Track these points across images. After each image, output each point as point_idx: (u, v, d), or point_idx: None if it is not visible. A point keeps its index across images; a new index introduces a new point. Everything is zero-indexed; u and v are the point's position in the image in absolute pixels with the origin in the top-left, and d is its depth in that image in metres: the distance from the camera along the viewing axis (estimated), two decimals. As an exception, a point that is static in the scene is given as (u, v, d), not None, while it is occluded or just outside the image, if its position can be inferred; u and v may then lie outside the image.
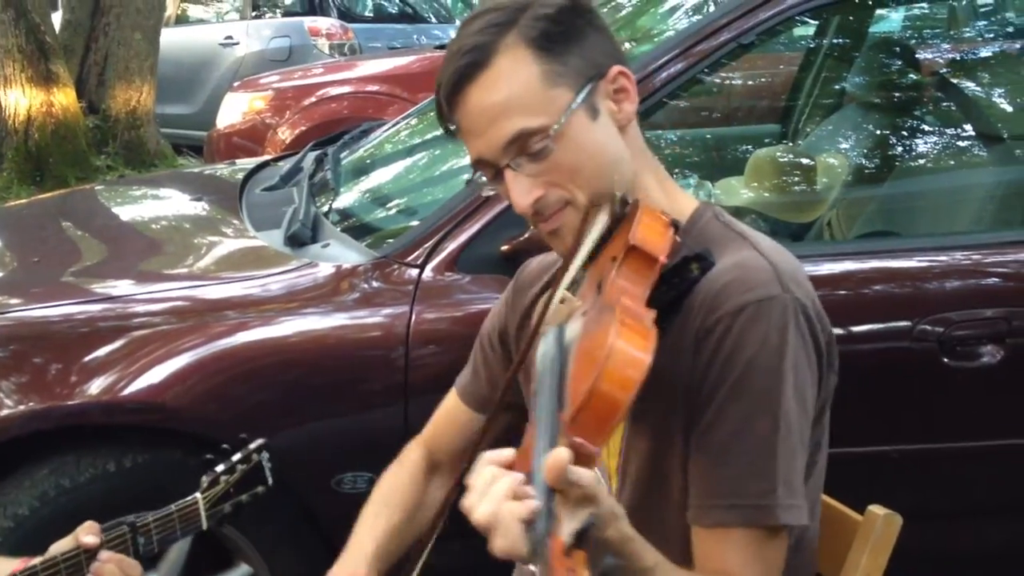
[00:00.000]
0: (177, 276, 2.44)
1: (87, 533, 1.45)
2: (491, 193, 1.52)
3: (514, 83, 1.19)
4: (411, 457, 1.56)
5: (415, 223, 2.27)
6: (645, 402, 1.19)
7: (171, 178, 4.73)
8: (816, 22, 3.37)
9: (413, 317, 2.08)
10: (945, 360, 2.14)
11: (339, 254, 2.22)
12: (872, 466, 2.16)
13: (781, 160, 3.26)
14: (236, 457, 1.66)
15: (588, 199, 1.21)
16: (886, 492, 1.44)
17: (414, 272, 2.13)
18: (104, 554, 1.44)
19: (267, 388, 2.11)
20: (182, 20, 10.26)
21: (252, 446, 1.69)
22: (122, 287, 2.39)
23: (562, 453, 0.95)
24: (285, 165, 2.99)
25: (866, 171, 3.07)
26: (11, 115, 7.71)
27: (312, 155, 2.97)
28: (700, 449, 1.18)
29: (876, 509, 1.31)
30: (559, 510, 0.94)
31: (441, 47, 8.82)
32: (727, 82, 3.23)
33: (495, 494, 0.98)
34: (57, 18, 8.72)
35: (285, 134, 5.63)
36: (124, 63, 8.39)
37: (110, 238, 2.90)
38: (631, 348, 1.03)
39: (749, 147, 3.32)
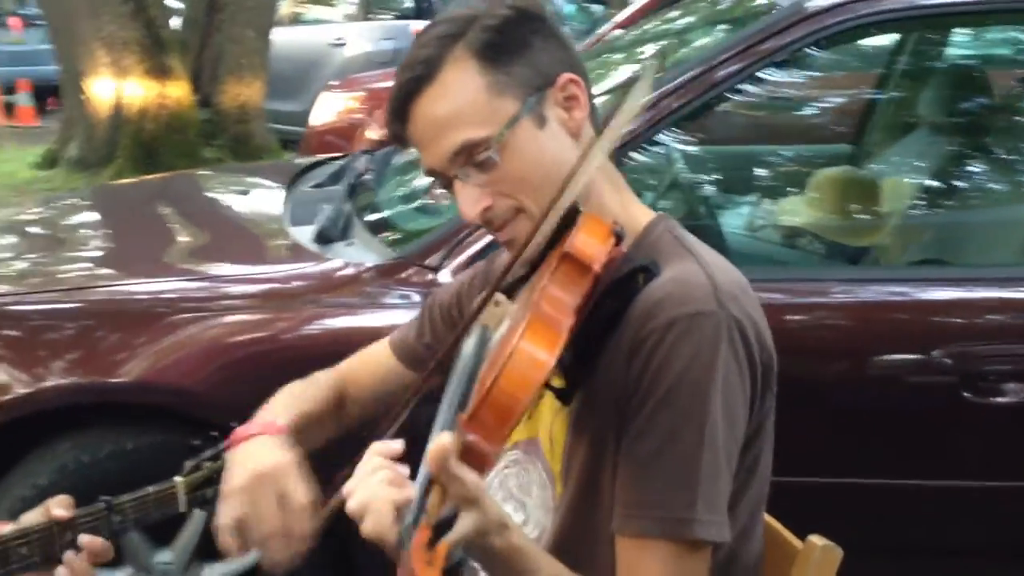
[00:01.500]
0: (204, 266, 2.52)
1: (58, 506, 1.50)
2: (447, 201, 1.54)
3: (459, 95, 1.21)
4: (322, 378, 1.57)
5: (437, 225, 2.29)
6: (585, 408, 1.22)
7: (260, 169, 4.88)
8: (889, 40, 3.29)
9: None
10: (966, 394, 2.06)
11: (359, 253, 2.27)
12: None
13: (845, 181, 3.18)
14: (223, 445, 1.70)
15: (536, 207, 1.22)
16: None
17: (429, 274, 2.16)
18: (84, 540, 1.48)
19: (276, 381, 2.15)
20: (297, 20, 10.55)
21: None
22: (161, 272, 2.49)
23: (443, 439, 0.96)
24: (340, 163, 3.06)
25: (928, 197, 2.98)
26: (127, 105, 8.06)
27: (365, 156, 3.03)
28: (627, 458, 1.17)
29: (816, 539, 1.28)
30: (434, 503, 0.95)
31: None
32: (791, 100, 3.16)
33: (373, 482, 1.00)
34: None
35: (373, 133, 5.73)
36: (236, 59, 8.69)
37: (177, 223, 3.03)
38: (535, 349, 1.04)
39: (812, 167, 3.25)
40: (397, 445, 1.07)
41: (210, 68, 8.80)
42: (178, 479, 1.63)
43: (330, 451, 1.50)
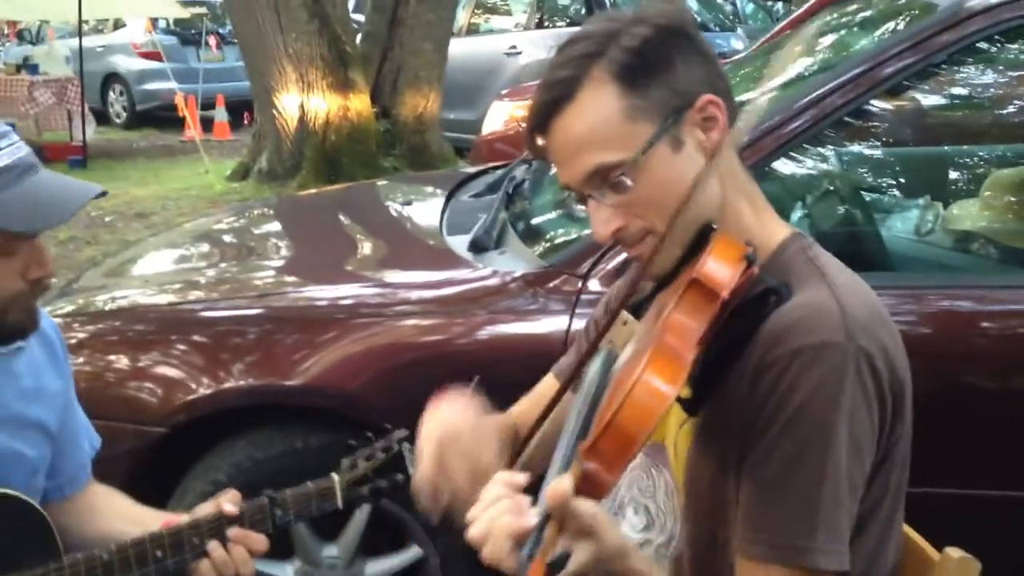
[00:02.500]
0: (365, 273, 2.64)
1: (228, 502, 1.63)
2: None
3: (595, 118, 1.21)
4: (503, 419, 1.59)
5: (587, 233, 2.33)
6: (709, 422, 1.23)
7: (432, 178, 5.05)
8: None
9: (571, 326, 2.15)
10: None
11: (510, 262, 2.33)
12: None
13: (1023, 183, 3.02)
14: (377, 445, 1.79)
15: (669, 231, 1.22)
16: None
17: (577, 283, 2.20)
18: (232, 531, 1.60)
19: (432, 385, 2.24)
20: (473, 30, 10.79)
21: (394, 436, 1.81)
22: (326, 281, 2.63)
23: (563, 484, 0.99)
24: (500, 172, 3.14)
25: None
26: (312, 118, 8.46)
27: (524, 165, 3.10)
28: (749, 482, 1.18)
29: (952, 551, 1.25)
30: (551, 536, 0.98)
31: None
32: (964, 98, 3.02)
33: (494, 511, 1.03)
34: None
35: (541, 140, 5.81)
36: (414, 71, 8.99)
37: (345, 233, 3.19)
38: (657, 382, 1.04)
39: (986, 168, 3.10)
40: (520, 477, 1.09)
41: (389, 81, 9.14)
42: (336, 476, 1.74)
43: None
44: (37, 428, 1.63)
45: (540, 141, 1.27)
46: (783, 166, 2.45)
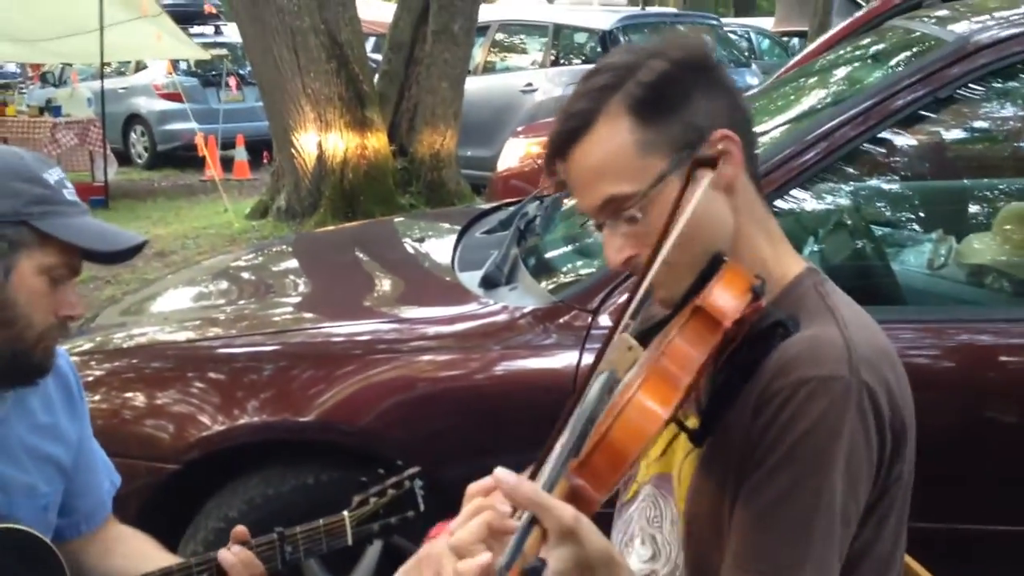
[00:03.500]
0: (379, 309, 2.66)
1: (235, 539, 1.64)
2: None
3: (609, 150, 1.23)
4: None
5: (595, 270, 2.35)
6: (712, 452, 1.23)
7: (448, 215, 5.08)
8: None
9: (581, 361, 2.15)
10: None
11: (521, 297, 2.34)
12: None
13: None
14: (389, 481, 1.79)
15: (676, 260, 1.21)
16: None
17: (587, 318, 2.21)
18: (235, 548, 1.61)
19: (444, 420, 2.26)
20: (489, 68, 10.89)
21: (406, 473, 1.81)
22: (339, 319, 2.65)
23: (501, 471, 1.01)
24: (512, 209, 3.16)
25: None
26: (330, 157, 8.54)
27: (535, 201, 3.12)
28: (743, 509, 1.18)
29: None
30: (532, 544, 0.98)
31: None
32: (972, 131, 3.03)
33: (474, 524, 1.02)
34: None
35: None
36: (431, 109, 9.06)
37: (361, 269, 3.22)
38: (650, 403, 1.05)
39: (1000, 201, 3.10)
40: (489, 480, 1.08)
41: (407, 119, 9.21)
42: (346, 513, 1.74)
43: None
44: (51, 464, 1.64)
45: (559, 168, 1.29)
46: (794, 198, 2.45)
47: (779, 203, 2.37)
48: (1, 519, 1.52)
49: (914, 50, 2.70)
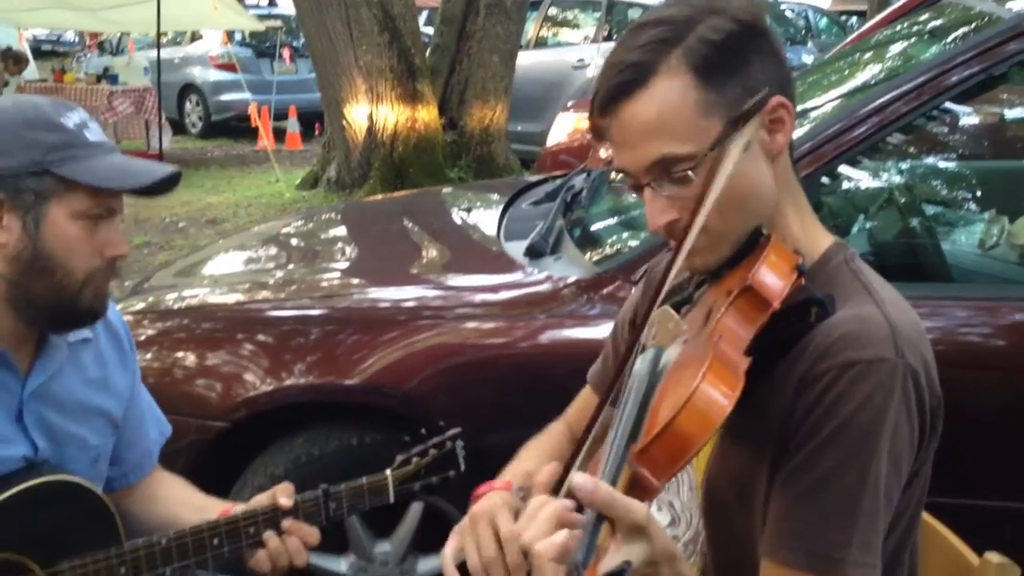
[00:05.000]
0: (425, 277, 2.69)
1: (283, 494, 1.67)
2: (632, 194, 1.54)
3: (668, 107, 1.18)
4: (556, 427, 1.62)
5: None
6: (743, 426, 1.22)
7: (495, 186, 5.10)
8: None
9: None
10: None
11: (565, 267, 2.35)
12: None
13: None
14: (431, 442, 1.82)
15: (720, 228, 1.21)
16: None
17: (630, 289, 2.21)
18: (287, 523, 1.64)
19: (487, 387, 2.28)
20: (542, 43, 10.85)
21: (447, 434, 1.84)
22: (385, 284, 2.68)
23: (580, 476, 0.98)
24: (559, 181, 3.17)
25: None
26: (380, 129, 8.58)
27: (583, 174, 3.13)
28: (785, 487, 1.17)
29: (992, 556, 1.24)
30: (604, 541, 0.97)
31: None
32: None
33: (542, 519, 1.02)
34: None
35: (604, 151, 5.82)
36: (482, 83, 9.06)
37: (408, 238, 3.25)
38: (715, 392, 1.03)
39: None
40: (553, 467, 1.09)
41: (457, 93, 9.22)
42: (389, 472, 1.77)
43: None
44: (102, 417, 1.68)
45: (604, 122, 1.24)
46: (844, 173, 2.44)
47: (828, 177, 2.35)
48: (54, 470, 1.56)
49: (971, 27, 2.66)
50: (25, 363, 1.56)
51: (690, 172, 1.19)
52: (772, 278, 1.15)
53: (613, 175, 3.07)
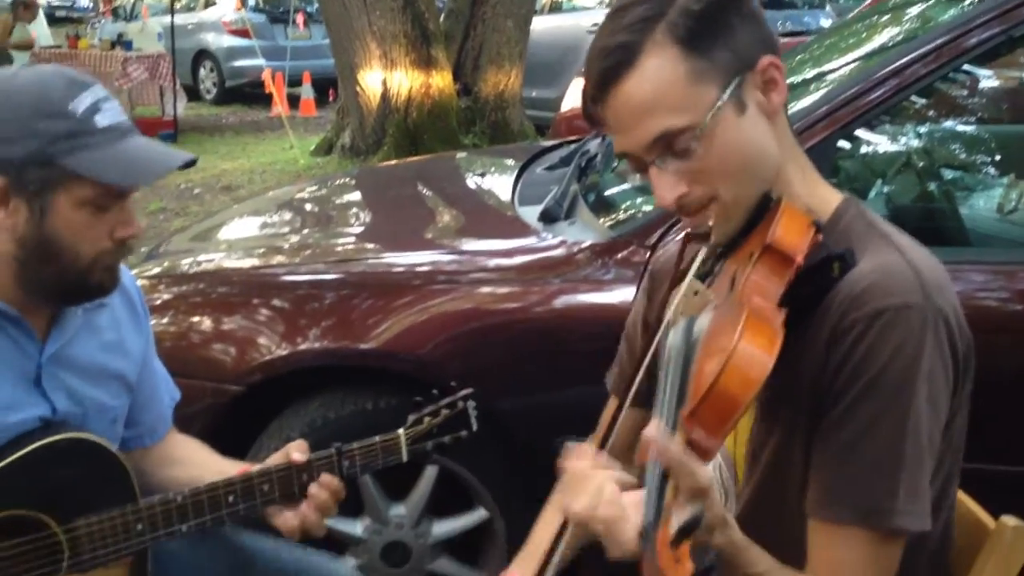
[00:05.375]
0: (439, 241, 2.69)
1: (296, 450, 1.68)
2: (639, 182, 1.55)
3: (660, 83, 1.18)
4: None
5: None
6: (775, 392, 1.21)
7: (509, 151, 5.08)
8: None
9: (638, 296, 2.15)
10: None
11: (580, 232, 2.35)
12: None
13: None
14: (443, 402, 1.82)
15: (732, 195, 1.22)
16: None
17: (646, 253, 2.21)
18: (324, 478, 1.65)
19: (501, 352, 2.28)
20: (556, 8, 10.77)
21: (459, 394, 1.84)
22: (399, 249, 2.68)
23: (675, 441, 0.98)
24: (573, 146, 3.16)
25: None
26: (394, 95, 8.55)
27: (597, 139, 3.11)
28: (825, 444, 1.17)
29: (1008, 520, 1.24)
30: (669, 502, 0.97)
31: (792, 34, 8.58)
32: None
33: (592, 490, 1.04)
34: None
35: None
36: (496, 49, 9.01)
37: (422, 202, 3.24)
38: (755, 348, 1.04)
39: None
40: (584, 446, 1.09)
41: (471, 58, 9.18)
42: (401, 431, 1.77)
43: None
44: (118, 379, 1.69)
45: (598, 109, 1.24)
46: (862, 137, 2.41)
47: (845, 142, 2.33)
48: (71, 430, 1.57)
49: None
50: (42, 328, 1.57)
51: (692, 144, 1.19)
52: (790, 235, 1.15)
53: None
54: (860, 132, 2.39)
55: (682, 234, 1.39)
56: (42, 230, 1.45)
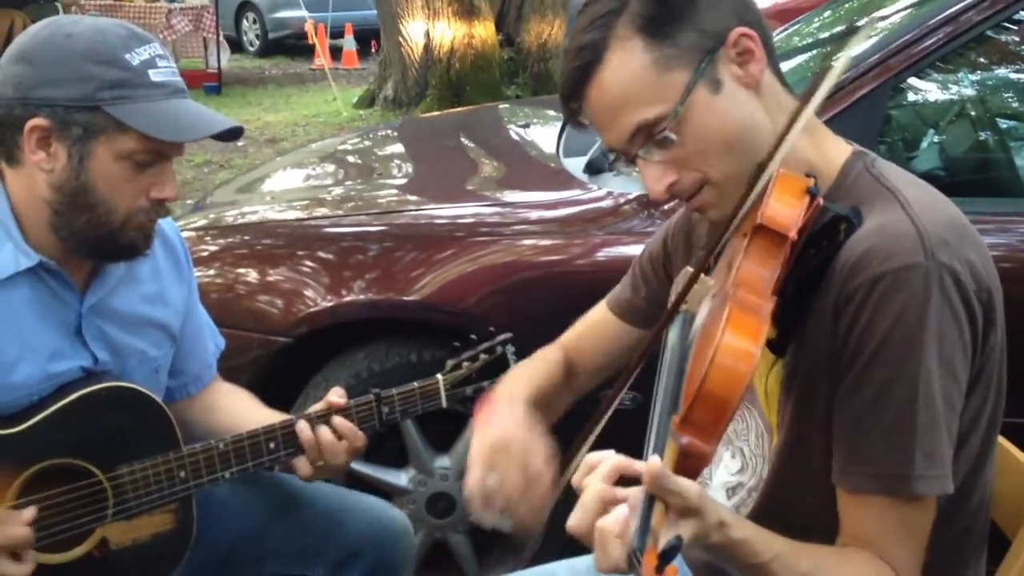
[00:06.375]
0: (483, 193, 2.67)
1: (335, 394, 1.70)
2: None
3: (628, 77, 1.17)
4: (551, 355, 1.60)
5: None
6: (796, 359, 1.21)
7: (553, 102, 5.04)
8: None
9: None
10: None
11: (626, 184, 2.32)
12: None
13: None
14: (481, 347, 1.82)
15: (722, 175, 1.20)
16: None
17: (692, 205, 2.18)
18: (336, 420, 1.66)
19: (545, 304, 2.28)
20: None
21: (498, 339, 1.84)
22: (444, 202, 2.67)
23: (655, 462, 0.96)
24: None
25: None
26: (437, 46, 8.50)
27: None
28: (842, 413, 1.16)
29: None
30: (657, 521, 0.95)
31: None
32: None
33: (586, 503, 1.00)
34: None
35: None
36: (539, -1, 8.92)
37: (465, 154, 3.23)
38: (739, 342, 1.01)
39: None
40: (606, 454, 1.05)
41: (514, 8, 9.09)
42: (440, 376, 1.78)
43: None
44: (160, 329, 1.71)
45: (575, 109, 1.24)
46: (913, 86, 2.36)
47: (897, 90, 2.28)
48: (113, 379, 1.59)
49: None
50: (82, 280, 1.59)
51: (669, 133, 1.17)
52: (783, 209, 1.11)
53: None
54: (912, 81, 2.34)
55: None
56: (79, 178, 1.46)
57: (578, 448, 1.30)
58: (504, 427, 1.35)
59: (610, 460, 1.02)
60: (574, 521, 1.00)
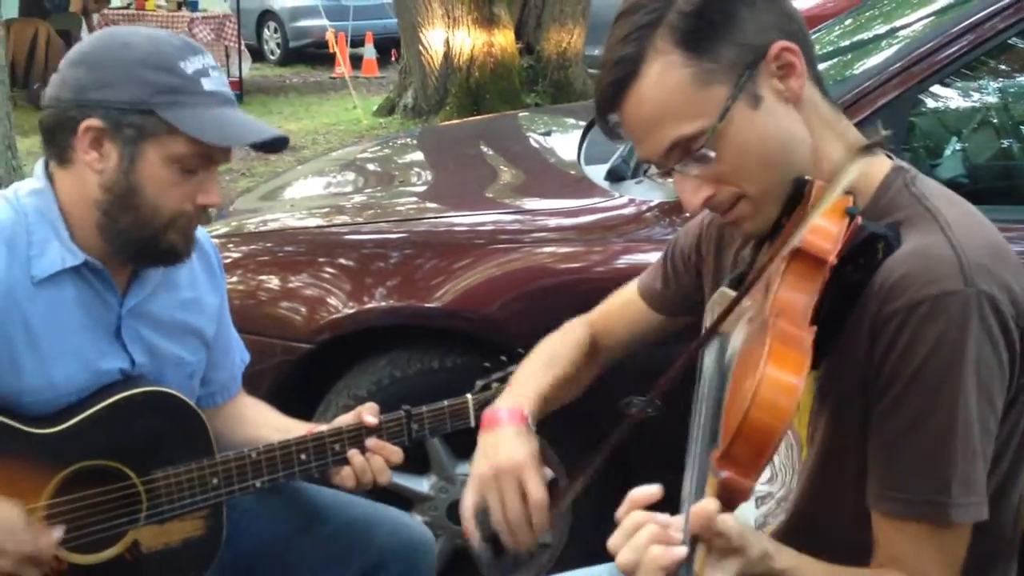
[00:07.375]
0: (504, 201, 2.68)
1: (368, 412, 1.71)
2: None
3: (666, 91, 1.15)
4: (576, 332, 1.61)
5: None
6: (830, 375, 1.19)
7: (572, 110, 5.04)
8: None
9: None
10: None
11: (647, 191, 2.33)
12: None
13: None
14: (510, 369, 1.83)
15: (760, 190, 1.18)
16: None
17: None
18: (371, 442, 1.68)
19: (567, 312, 2.26)
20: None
21: None
22: (466, 207, 2.68)
23: (708, 506, 0.95)
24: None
25: None
26: (457, 54, 8.53)
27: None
28: (877, 436, 1.14)
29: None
30: (701, 560, 0.95)
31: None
32: None
33: (639, 542, 0.99)
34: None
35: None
36: (559, 7, 8.94)
37: (485, 162, 3.24)
38: (781, 374, 0.98)
39: None
40: (655, 490, 1.03)
41: (534, 16, 9.11)
42: (469, 396, 1.80)
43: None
44: (195, 335, 1.73)
45: (612, 122, 1.22)
46: (936, 94, 2.35)
47: (920, 98, 2.27)
48: (150, 383, 1.61)
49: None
50: (123, 282, 1.62)
51: (707, 148, 1.16)
52: (822, 231, 1.08)
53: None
54: (936, 89, 2.33)
55: None
56: (128, 178, 1.50)
57: (581, 472, 1.32)
58: (506, 451, 1.37)
59: (656, 490, 1.03)
60: (623, 559, 1.00)
